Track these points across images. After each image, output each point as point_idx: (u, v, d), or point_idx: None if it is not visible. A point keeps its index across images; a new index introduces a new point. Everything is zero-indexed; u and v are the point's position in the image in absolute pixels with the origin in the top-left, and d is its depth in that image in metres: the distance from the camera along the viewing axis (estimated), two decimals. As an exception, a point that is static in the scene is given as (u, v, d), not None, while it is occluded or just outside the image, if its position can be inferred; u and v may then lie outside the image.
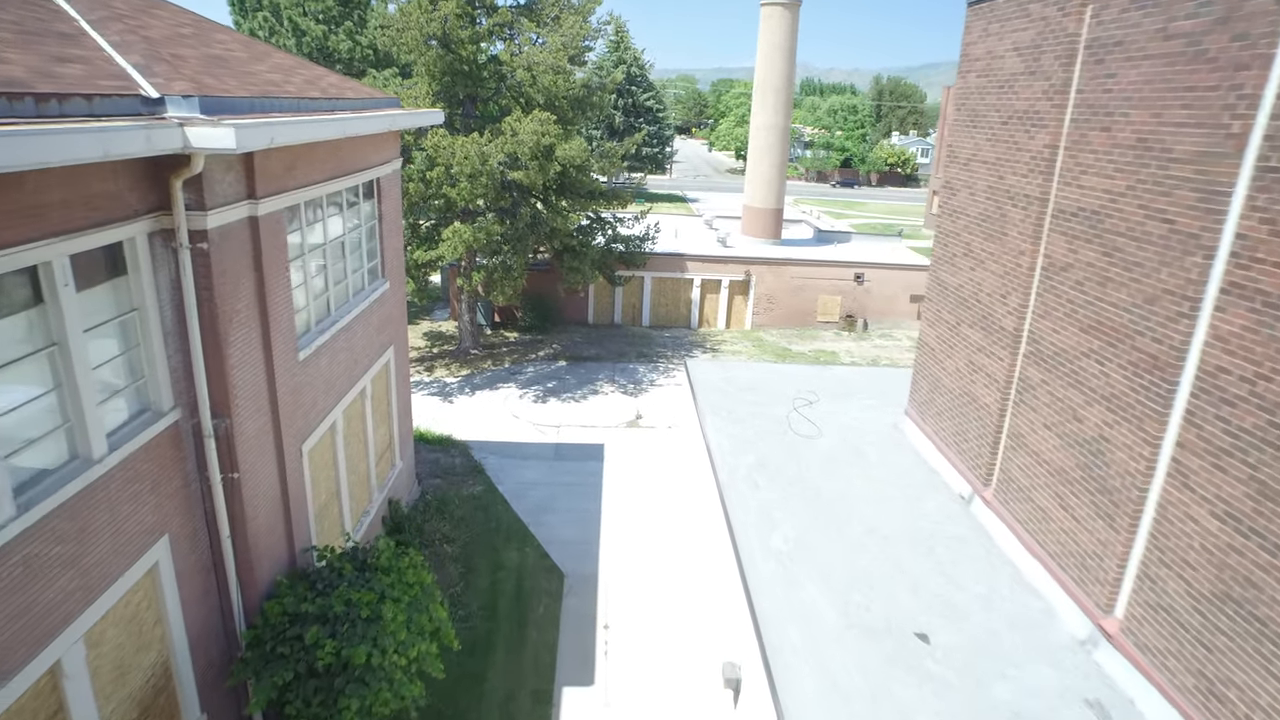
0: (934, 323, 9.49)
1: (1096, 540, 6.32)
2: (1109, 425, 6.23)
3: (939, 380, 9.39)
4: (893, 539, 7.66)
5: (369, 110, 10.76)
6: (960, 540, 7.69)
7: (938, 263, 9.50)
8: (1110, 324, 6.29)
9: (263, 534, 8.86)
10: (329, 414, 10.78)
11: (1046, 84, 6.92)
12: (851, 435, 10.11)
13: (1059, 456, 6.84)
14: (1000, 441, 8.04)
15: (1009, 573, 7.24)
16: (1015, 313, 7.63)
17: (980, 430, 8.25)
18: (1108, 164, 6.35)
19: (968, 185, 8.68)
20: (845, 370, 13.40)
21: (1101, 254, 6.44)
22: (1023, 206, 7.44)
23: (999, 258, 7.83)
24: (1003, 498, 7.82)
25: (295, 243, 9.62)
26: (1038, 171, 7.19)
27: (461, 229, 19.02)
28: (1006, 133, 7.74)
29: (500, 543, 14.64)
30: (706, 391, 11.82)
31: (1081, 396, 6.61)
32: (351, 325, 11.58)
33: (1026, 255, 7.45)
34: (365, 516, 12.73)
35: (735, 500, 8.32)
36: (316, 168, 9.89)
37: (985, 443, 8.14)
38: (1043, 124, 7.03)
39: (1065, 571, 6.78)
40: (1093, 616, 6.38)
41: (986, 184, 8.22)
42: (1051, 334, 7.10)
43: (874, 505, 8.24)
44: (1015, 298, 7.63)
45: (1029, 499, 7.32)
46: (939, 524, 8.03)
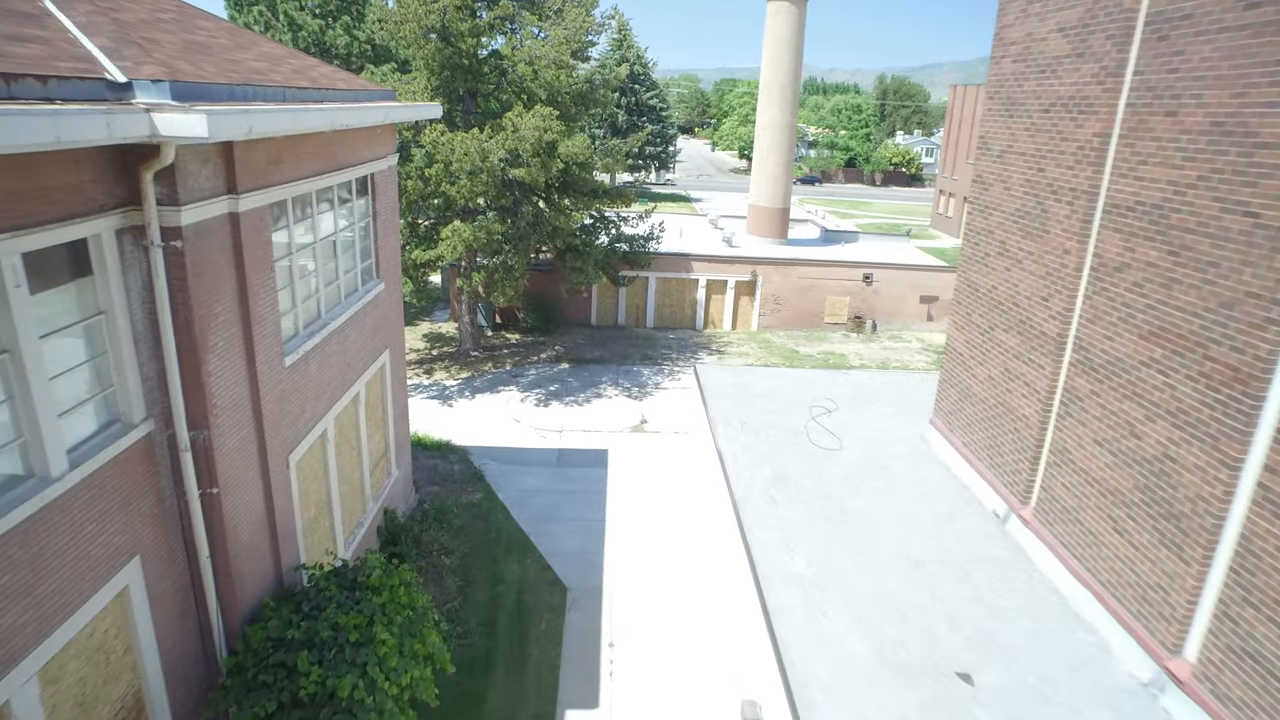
0: (963, 326, 8.90)
1: (1161, 571, 5.71)
2: (1175, 444, 5.64)
3: (969, 388, 8.81)
4: (925, 562, 7.11)
5: (362, 102, 10.19)
6: (998, 564, 7.11)
7: (967, 262, 8.91)
8: (1176, 330, 5.67)
9: (245, 552, 8.30)
10: (319, 422, 10.21)
11: (1097, 66, 6.31)
12: (874, 446, 9.56)
13: (1113, 476, 6.24)
14: (1041, 457, 7.45)
15: (1056, 603, 6.65)
16: (1059, 317, 7.04)
17: (1018, 444, 7.67)
18: (1174, 152, 5.74)
19: (1002, 179, 8.07)
20: (862, 375, 12.80)
21: (1166, 252, 5.84)
22: (1068, 201, 6.83)
23: (1039, 257, 7.23)
24: (1045, 518, 7.24)
25: (282, 241, 9.06)
26: (1086, 162, 6.59)
27: (461, 228, 18.45)
28: (1048, 121, 7.14)
29: (500, 554, 14.06)
30: (718, 399, 11.27)
31: (1141, 411, 6.01)
32: (344, 328, 11.02)
33: (1073, 254, 6.85)
34: (359, 528, 12.17)
35: (752, 518, 7.77)
36: (305, 162, 9.32)
37: (1024, 457, 7.54)
38: (1092, 110, 6.43)
39: (1122, 604, 6.17)
40: (1158, 657, 5.78)
41: (1024, 177, 7.62)
42: (1103, 341, 6.50)
43: (902, 524, 7.69)
44: (1059, 300, 7.04)
45: (1076, 521, 6.73)
46: (974, 545, 7.46)
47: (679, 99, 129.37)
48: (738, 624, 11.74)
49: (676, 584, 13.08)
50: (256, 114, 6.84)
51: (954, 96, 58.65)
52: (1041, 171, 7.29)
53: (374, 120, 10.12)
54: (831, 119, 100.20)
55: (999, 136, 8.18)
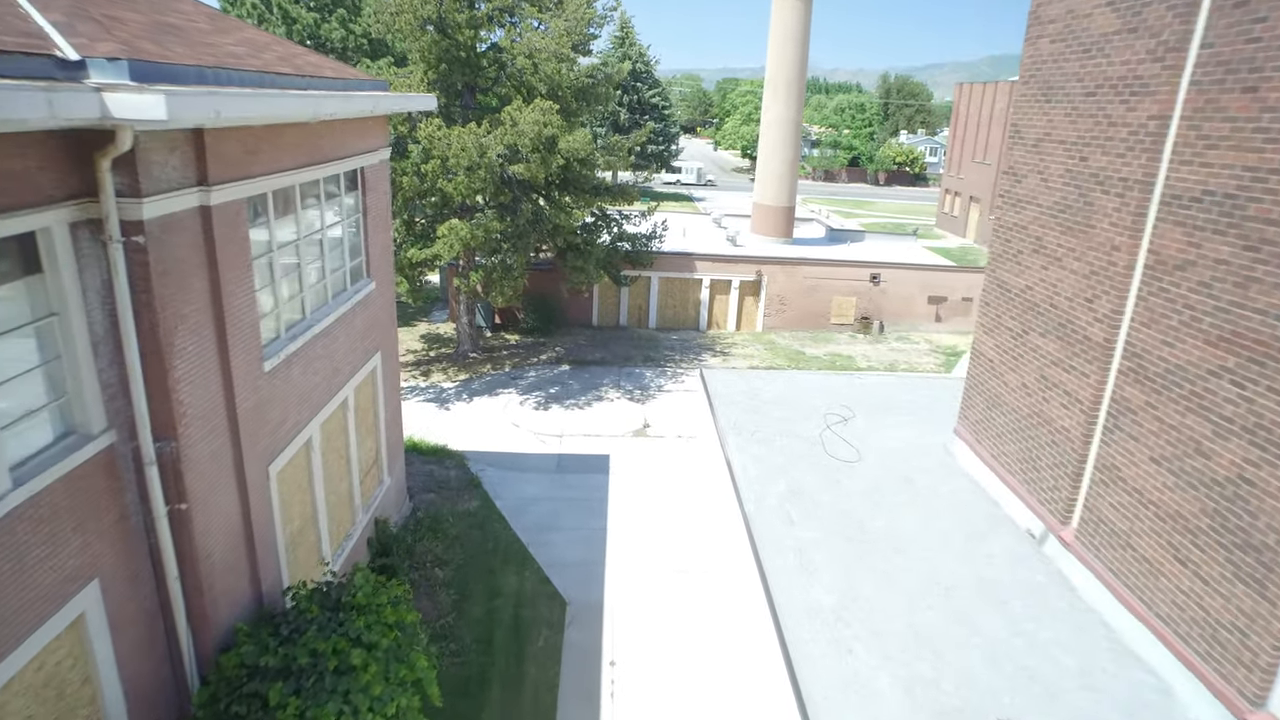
0: (992, 330, 8.27)
1: (1236, 610, 5.11)
2: (1253, 464, 5.04)
3: (999, 397, 8.18)
4: (956, 589, 6.51)
5: (350, 91, 9.60)
6: (1037, 591, 6.50)
7: (997, 261, 8.27)
8: (1255, 335, 5.02)
9: (220, 571, 7.71)
10: (303, 430, 9.63)
11: (1154, 41, 5.69)
12: (895, 458, 8.94)
13: (1174, 498, 5.61)
14: (1084, 473, 6.83)
15: (1104, 637, 6.02)
16: (1106, 320, 6.43)
17: (1056, 458, 7.04)
18: (1253, 134, 5.10)
19: (1038, 170, 7.46)
20: (877, 380, 12.19)
21: (1242, 248, 5.23)
22: (1117, 192, 6.23)
23: (1082, 254, 6.62)
24: (1089, 540, 6.61)
25: (262, 238, 8.48)
26: (1139, 149, 5.97)
27: (458, 226, 17.86)
28: (1093, 105, 6.53)
29: (497, 565, 13.47)
30: (727, 406, 10.66)
31: (1210, 426, 5.40)
32: (330, 330, 10.44)
33: (1122, 251, 6.23)
34: (348, 540, 11.59)
35: (766, 538, 7.18)
36: (287, 153, 8.74)
37: (1063, 473, 6.91)
38: (1148, 90, 5.81)
39: (1186, 643, 5.53)
40: (1235, 709, 5.15)
41: (1064, 167, 7.01)
42: (1161, 347, 5.89)
43: (929, 544, 7.08)
44: (1106, 302, 6.42)
45: (1127, 546, 6.10)
46: (1009, 569, 6.86)
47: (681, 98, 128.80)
48: (747, 642, 11.15)
49: (681, 598, 12.48)
50: (225, 97, 6.26)
51: (960, 95, 58.02)
52: (1084, 161, 6.68)
53: (362, 109, 9.53)
54: (835, 118, 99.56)
55: (1034, 124, 7.55)
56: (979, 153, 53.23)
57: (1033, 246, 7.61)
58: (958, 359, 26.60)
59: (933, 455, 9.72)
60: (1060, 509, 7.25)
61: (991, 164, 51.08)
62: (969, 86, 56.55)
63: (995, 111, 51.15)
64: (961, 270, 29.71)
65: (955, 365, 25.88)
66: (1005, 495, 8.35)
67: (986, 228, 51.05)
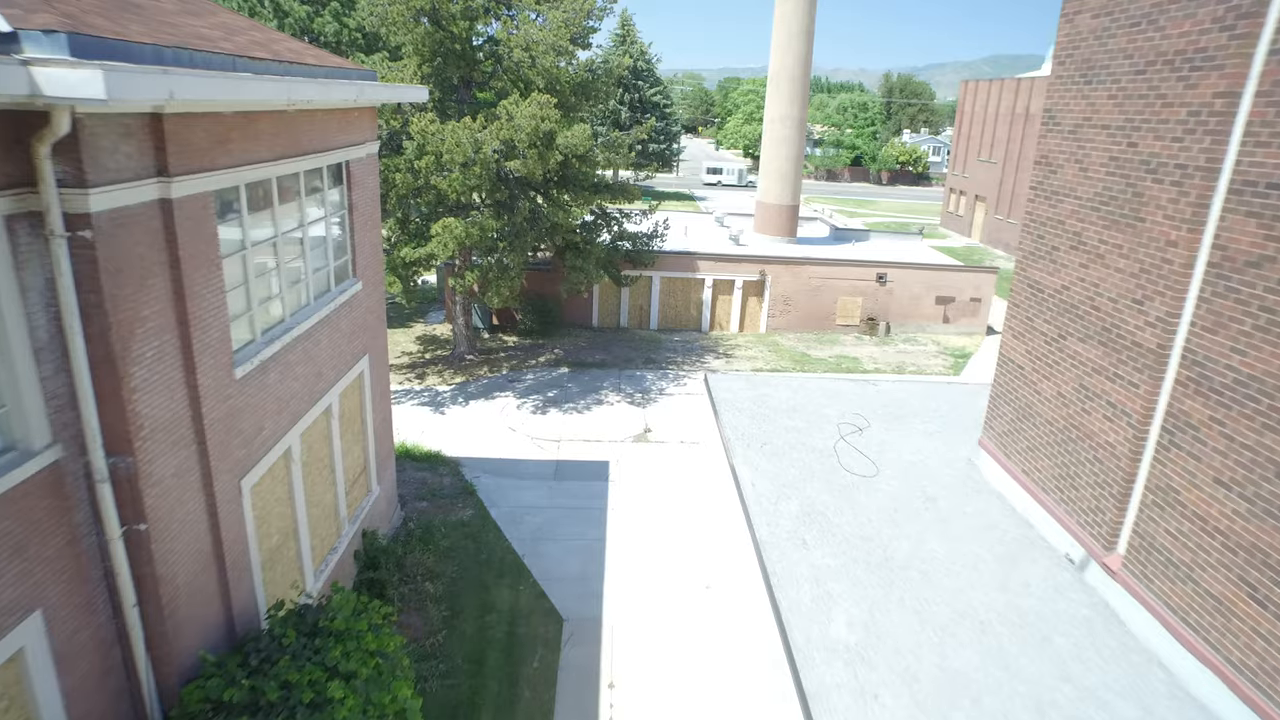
0: (1022, 334, 7.63)
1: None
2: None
3: (1030, 407, 7.54)
4: (992, 623, 5.89)
5: (330, 78, 8.99)
6: (1082, 625, 5.85)
7: (1028, 259, 7.61)
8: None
9: (184, 596, 7.11)
10: (282, 439, 9.03)
11: (1222, 8, 5.07)
12: (916, 473, 8.33)
13: (1248, 528, 4.96)
14: (1133, 494, 6.20)
15: (1163, 682, 5.33)
16: (1160, 324, 5.79)
17: (1099, 476, 6.41)
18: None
19: (1076, 159, 6.82)
20: (892, 385, 11.57)
21: (1336, 241, 4.63)
22: (1174, 181, 5.59)
23: (1131, 251, 5.99)
24: (1139, 569, 5.95)
25: (234, 235, 7.88)
26: (1201, 131, 5.34)
27: (452, 224, 17.25)
28: (1144, 84, 5.89)
29: (491, 579, 12.86)
30: (734, 415, 10.04)
31: (1294, 447, 4.81)
32: (313, 333, 9.84)
33: (1180, 246, 5.60)
34: (332, 554, 10.99)
35: (780, 565, 6.57)
36: (262, 143, 8.14)
37: (1107, 494, 6.27)
38: (1213, 64, 5.18)
39: (1268, 696, 4.90)
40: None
41: (1108, 155, 6.38)
42: (1229, 354, 5.27)
43: (959, 571, 6.45)
44: (1160, 303, 5.79)
45: (1188, 579, 5.44)
46: (1048, 600, 6.23)
47: (683, 97, 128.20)
48: (757, 663, 10.53)
49: (684, 615, 11.86)
50: (181, 78, 5.64)
51: (964, 92, 57.36)
52: (1133, 147, 6.05)
53: (342, 97, 8.92)
54: (837, 117, 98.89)
55: (1072, 108, 6.90)
56: (984, 151, 52.57)
57: (1070, 242, 6.96)
58: (966, 360, 25.96)
59: (955, 469, 9.07)
60: (1104, 533, 6.60)
61: (997, 163, 50.43)
62: (974, 84, 55.90)
63: (1001, 109, 50.49)
64: (970, 270, 29.07)
65: (964, 367, 25.24)
66: (1038, 515, 7.71)
67: (992, 227, 50.37)
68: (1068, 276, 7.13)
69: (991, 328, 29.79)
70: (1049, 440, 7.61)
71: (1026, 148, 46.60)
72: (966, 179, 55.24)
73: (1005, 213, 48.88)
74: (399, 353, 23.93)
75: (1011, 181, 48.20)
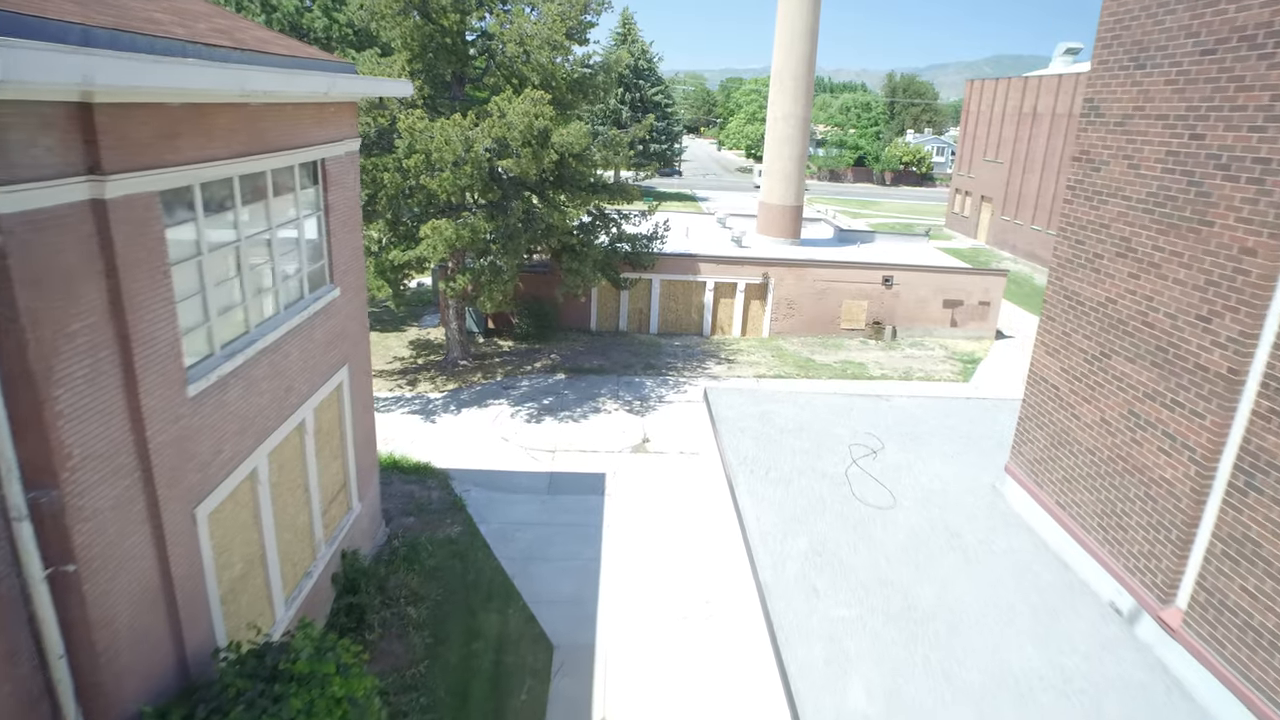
0: (1058, 350, 6.86)
1: None
2: None
3: (1068, 433, 6.79)
4: (1033, 689, 5.16)
5: (296, 69, 8.29)
6: (1137, 692, 5.09)
7: (1065, 267, 6.85)
8: None
9: (126, 641, 6.41)
10: (245, 460, 8.33)
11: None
12: (936, 503, 7.60)
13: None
14: (1196, 540, 5.46)
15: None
16: (1232, 345, 5.07)
17: (1153, 518, 5.65)
18: None
19: (1125, 154, 6.09)
20: (906, 401, 10.84)
21: None
22: (1252, 178, 4.87)
23: (1193, 259, 5.27)
24: (1206, 631, 5.19)
25: (187, 238, 7.18)
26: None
27: (442, 226, 16.55)
28: (1214, 67, 5.17)
29: (478, 602, 12.16)
30: (736, 437, 9.29)
31: None
32: (282, 344, 9.14)
33: (1259, 254, 4.85)
34: (307, 579, 10.28)
35: (787, 616, 5.83)
36: (219, 139, 7.44)
37: (1164, 539, 5.51)
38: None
39: None
40: None
41: (1164, 149, 5.65)
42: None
43: (990, 624, 5.71)
44: (1232, 321, 5.06)
45: (1274, 649, 4.69)
46: (1095, 660, 5.50)
47: (684, 96, 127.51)
48: (759, 695, 9.81)
49: (684, 641, 11.15)
50: (101, 60, 4.94)
51: (970, 91, 56.59)
52: (1198, 139, 5.33)
53: (312, 90, 8.22)
54: (840, 117, 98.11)
55: (1119, 97, 6.17)
56: (991, 151, 51.80)
57: (1116, 249, 6.23)
58: (975, 366, 25.22)
59: (980, 498, 8.32)
60: (1159, 582, 5.85)
61: (1004, 163, 49.65)
62: (980, 83, 55.13)
63: (1008, 108, 49.72)
64: (978, 273, 28.32)
65: (973, 373, 24.50)
66: (1077, 555, 6.96)
67: (999, 228, 49.58)
68: (1113, 287, 6.37)
69: (1001, 332, 29.04)
70: (1090, 472, 6.86)
71: (1034, 147, 45.83)
72: (972, 179, 54.46)
73: (1012, 214, 48.10)
74: (391, 357, 23.25)
75: (1019, 182, 47.43)
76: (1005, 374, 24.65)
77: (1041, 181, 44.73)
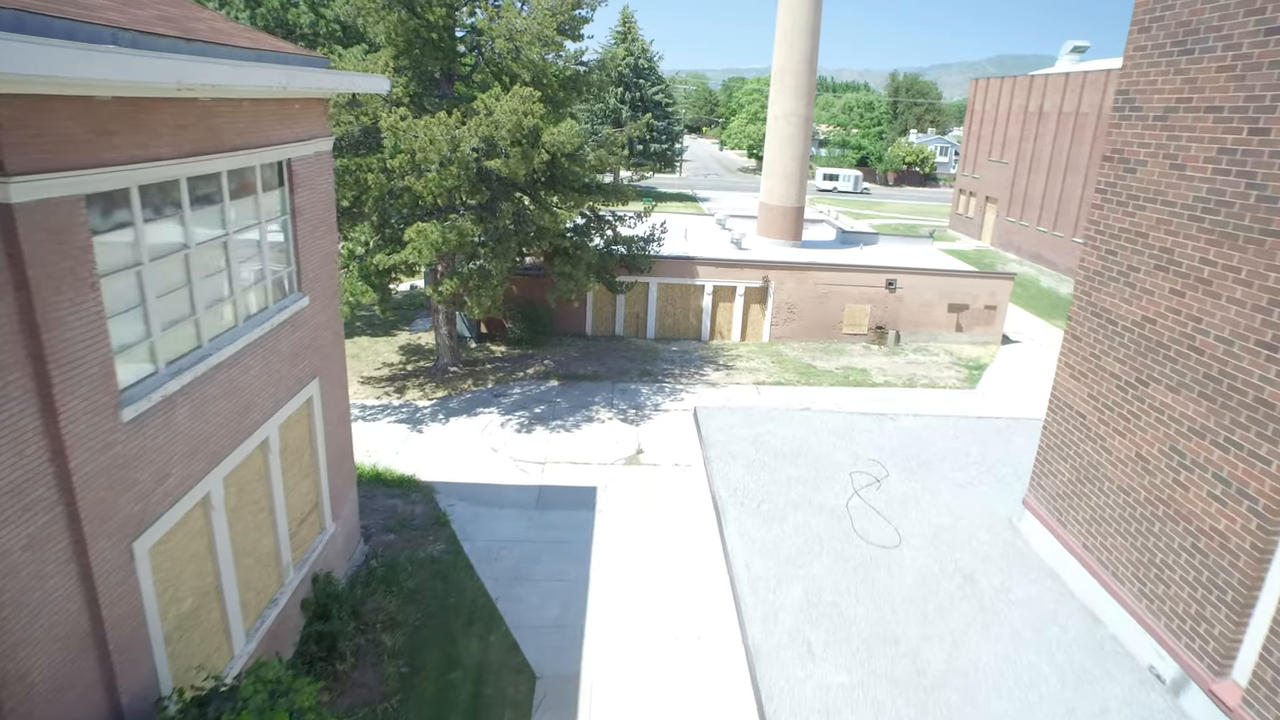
0: (1085, 374, 6.08)
1: None
2: None
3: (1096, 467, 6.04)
4: (1065, 774, 4.51)
5: (247, 61, 7.62)
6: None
7: (1093, 280, 6.08)
8: None
9: (45, 697, 5.76)
10: (196, 486, 7.68)
11: None
12: (947, 540, 6.90)
13: None
14: (1258, 604, 4.74)
15: None
16: (1301, 377, 4.42)
17: (1203, 574, 4.91)
18: None
19: (1167, 153, 5.35)
20: (914, 421, 10.16)
21: None
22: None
23: (1253, 274, 4.54)
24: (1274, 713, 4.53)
25: (122, 242, 6.54)
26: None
27: (427, 228, 15.90)
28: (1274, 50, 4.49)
29: (458, 628, 11.50)
30: (727, 464, 8.63)
31: None
32: (241, 358, 8.49)
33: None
34: (272, 608, 9.63)
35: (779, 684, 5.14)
36: (163, 137, 6.80)
37: (1216, 599, 4.77)
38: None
39: None
40: None
41: (1216, 146, 4.94)
42: None
43: (1010, 690, 4.99)
44: (1301, 348, 4.40)
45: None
46: (1135, 736, 4.85)
47: (686, 96, 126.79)
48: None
49: (675, 671, 10.47)
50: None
51: (975, 90, 55.83)
52: (1261, 134, 4.59)
53: (261, 83, 7.56)
54: (843, 117, 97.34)
55: (1160, 88, 5.41)
56: (996, 151, 51.05)
57: (1156, 261, 5.49)
58: (981, 372, 24.53)
59: (996, 535, 7.61)
60: (1212, 650, 5.12)
61: (1009, 163, 48.91)
62: (985, 81, 54.36)
63: (1013, 107, 48.97)
64: (985, 276, 27.62)
65: (979, 379, 23.80)
66: (1109, 608, 6.24)
67: (1003, 229, 48.84)
68: (1153, 305, 5.63)
69: (1007, 336, 28.33)
70: (1123, 514, 6.13)
71: (1040, 147, 45.09)
72: (977, 180, 53.72)
73: (1017, 215, 47.36)
74: (379, 363, 22.61)
75: (1024, 182, 46.69)
76: (1012, 381, 23.95)
77: (1048, 182, 43.99)
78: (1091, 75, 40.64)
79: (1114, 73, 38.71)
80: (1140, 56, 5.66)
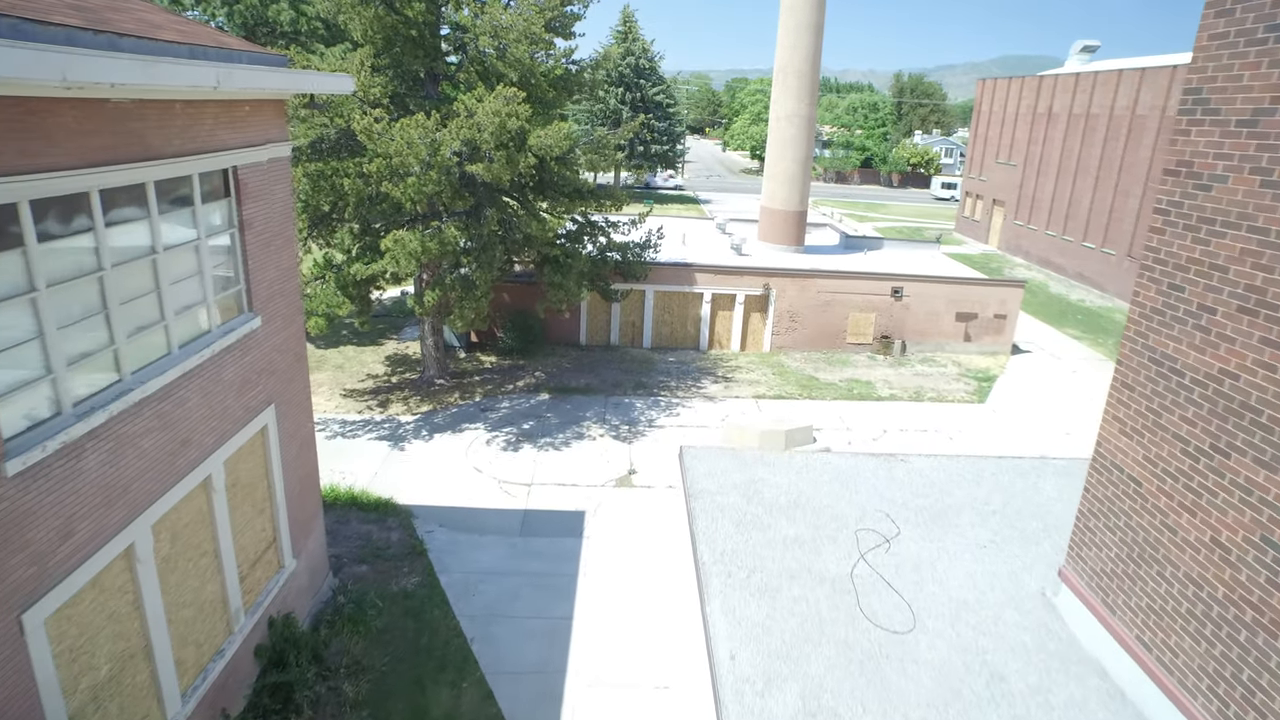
0: (1139, 432, 4.99)
1: None
2: None
3: (1153, 546, 4.96)
4: None
5: (170, 59, 6.70)
6: None
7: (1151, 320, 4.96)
8: None
9: (-101, 808, 4.86)
10: (115, 538, 6.79)
11: None
12: (970, 622, 5.88)
13: None
14: None
15: None
16: None
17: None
18: None
19: (1255, 167, 4.22)
20: (928, 464, 9.18)
21: None
22: None
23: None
24: None
25: (14, 270, 5.64)
26: None
27: (405, 237, 15.00)
28: None
29: (429, 673, 10.59)
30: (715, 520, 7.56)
31: None
32: (175, 390, 7.59)
33: None
34: (217, 660, 8.73)
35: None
36: (62, 143, 5.90)
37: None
38: None
39: None
40: None
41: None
42: None
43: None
44: None
45: None
46: None
47: (688, 96, 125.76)
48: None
49: None
50: None
51: (981, 91, 54.76)
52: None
53: (185, 81, 6.64)
54: (847, 118, 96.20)
55: (1245, 84, 4.31)
56: (1003, 153, 50.00)
57: (1240, 302, 4.47)
58: (991, 384, 23.55)
59: (1027, 615, 6.57)
60: None
61: (1017, 165, 47.86)
62: (992, 82, 53.31)
63: (1021, 108, 47.92)
64: (994, 284, 26.63)
65: (989, 392, 22.83)
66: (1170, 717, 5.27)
67: (1011, 233, 47.80)
68: (1235, 357, 4.60)
69: (1017, 346, 27.33)
70: (1194, 610, 5.10)
71: (1049, 149, 44.04)
72: (983, 182, 52.67)
73: (1025, 218, 46.32)
74: (364, 375, 21.72)
75: (1032, 185, 45.66)
76: (1024, 394, 22.97)
77: (1058, 185, 42.95)
78: (1103, 75, 39.59)
79: (1126, 73, 37.64)
80: (1218, 46, 4.61)
